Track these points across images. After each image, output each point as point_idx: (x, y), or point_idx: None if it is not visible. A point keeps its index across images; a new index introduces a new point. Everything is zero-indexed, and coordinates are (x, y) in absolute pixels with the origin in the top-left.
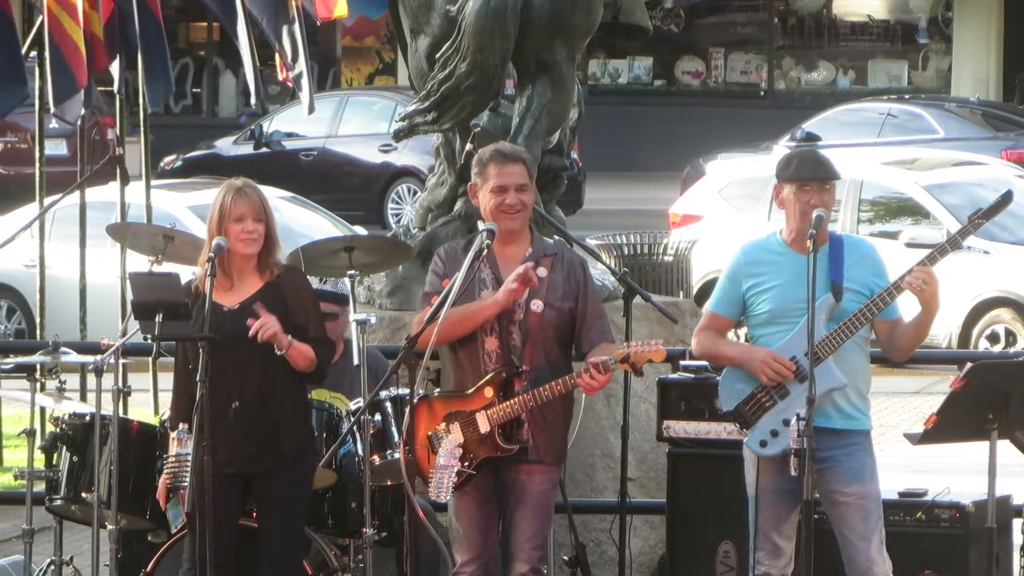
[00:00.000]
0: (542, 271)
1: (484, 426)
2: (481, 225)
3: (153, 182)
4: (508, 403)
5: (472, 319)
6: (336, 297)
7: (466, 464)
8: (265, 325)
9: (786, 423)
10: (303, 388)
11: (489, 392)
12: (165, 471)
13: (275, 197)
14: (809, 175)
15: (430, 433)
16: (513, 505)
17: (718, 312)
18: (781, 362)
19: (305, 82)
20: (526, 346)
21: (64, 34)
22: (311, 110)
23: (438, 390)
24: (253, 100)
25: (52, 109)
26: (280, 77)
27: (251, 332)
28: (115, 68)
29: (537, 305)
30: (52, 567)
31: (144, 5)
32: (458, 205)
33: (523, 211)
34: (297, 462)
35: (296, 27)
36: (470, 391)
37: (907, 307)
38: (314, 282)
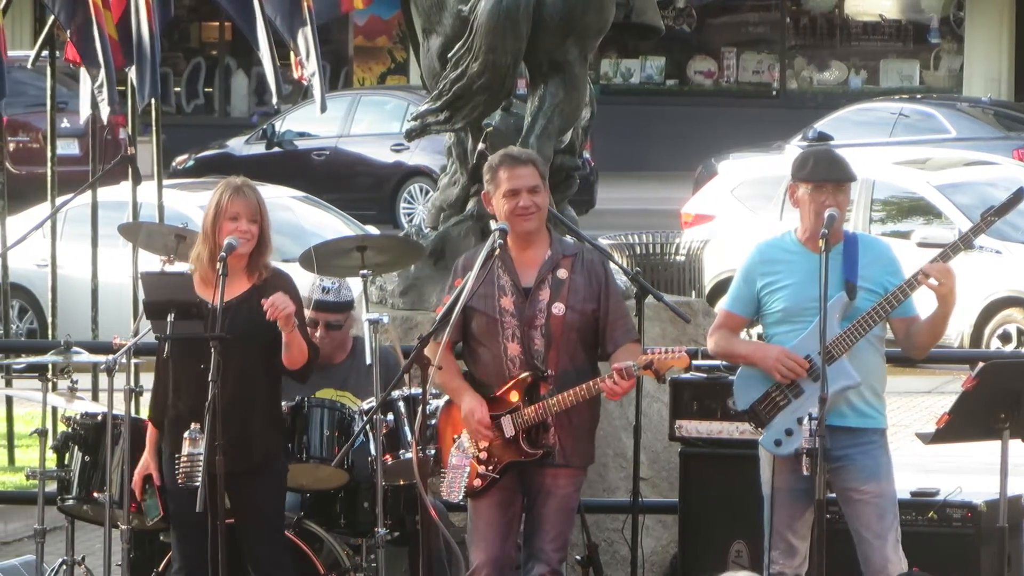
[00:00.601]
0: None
1: (509, 430)
2: (493, 225)
3: (165, 182)
4: (533, 408)
5: (452, 397)
6: (339, 306)
7: (490, 468)
8: (280, 304)
9: (800, 422)
10: (278, 394)
11: (514, 396)
12: (178, 471)
13: (287, 196)
14: (824, 176)
15: (456, 436)
16: (537, 507)
17: (732, 311)
18: (794, 359)
19: (317, 81)
20: (549, 350)
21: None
22: (323, 109)
23: None
24: (275, 99)
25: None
26: (296, 76)
27: (265, 307)
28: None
29: (559, 308)
30: (64, 567)
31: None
32: (470, 205)
33: (537, 213)
34: (268, 467)
35: (309, 29)
36: (495, 395)
37: (924, 305)
38: (316, 292)
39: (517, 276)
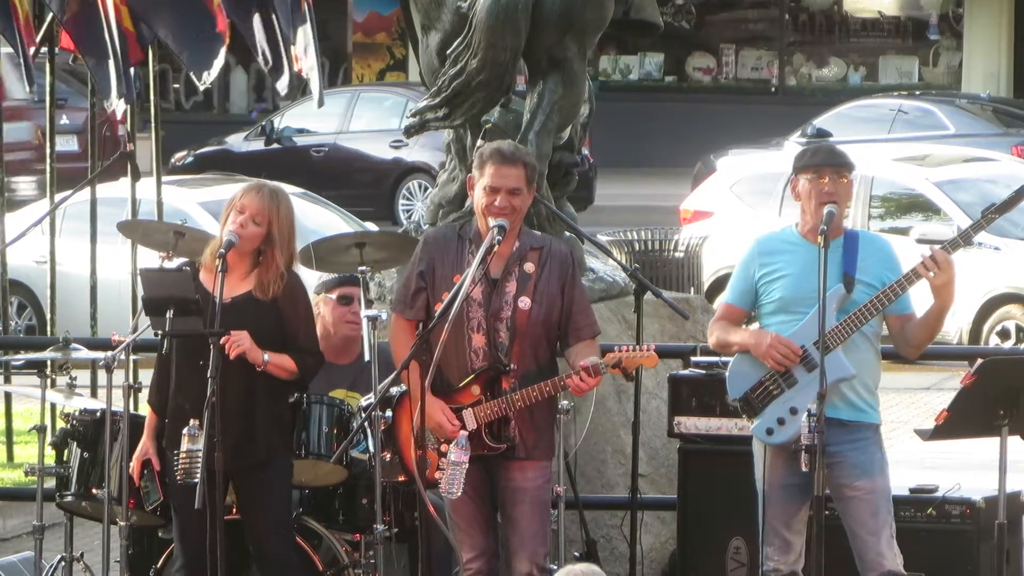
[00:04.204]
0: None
1: (471, 424)
2: (492, 221)
3: (164, 178)
4: (496, 402)
5: (411, 395)
6: (354, 280)
7: None
8: (236, 342)
9: (793, 412)
10: (283, 391)
11: (476, 390)
12: (177, 468)
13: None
14: (823, 162)
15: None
16: (510, 505)
17: (732, 303)
18: (788, 345)
19: (315, 76)
20: (514, 344)
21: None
22: (321, 104)
23: None
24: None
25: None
26: (295, 69)
27: (221, 342)
28: None
29: (525, 302)
30: (62, 563)
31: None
32: (469, 201)
33: (512, 214)
34: (271, 463)
35: (308, 25)
36: (456, 388)
37: (921, 304)
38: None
39: (487, 267)
